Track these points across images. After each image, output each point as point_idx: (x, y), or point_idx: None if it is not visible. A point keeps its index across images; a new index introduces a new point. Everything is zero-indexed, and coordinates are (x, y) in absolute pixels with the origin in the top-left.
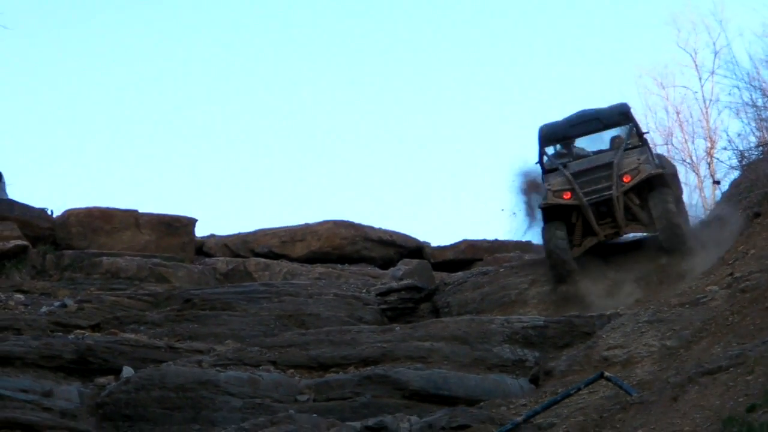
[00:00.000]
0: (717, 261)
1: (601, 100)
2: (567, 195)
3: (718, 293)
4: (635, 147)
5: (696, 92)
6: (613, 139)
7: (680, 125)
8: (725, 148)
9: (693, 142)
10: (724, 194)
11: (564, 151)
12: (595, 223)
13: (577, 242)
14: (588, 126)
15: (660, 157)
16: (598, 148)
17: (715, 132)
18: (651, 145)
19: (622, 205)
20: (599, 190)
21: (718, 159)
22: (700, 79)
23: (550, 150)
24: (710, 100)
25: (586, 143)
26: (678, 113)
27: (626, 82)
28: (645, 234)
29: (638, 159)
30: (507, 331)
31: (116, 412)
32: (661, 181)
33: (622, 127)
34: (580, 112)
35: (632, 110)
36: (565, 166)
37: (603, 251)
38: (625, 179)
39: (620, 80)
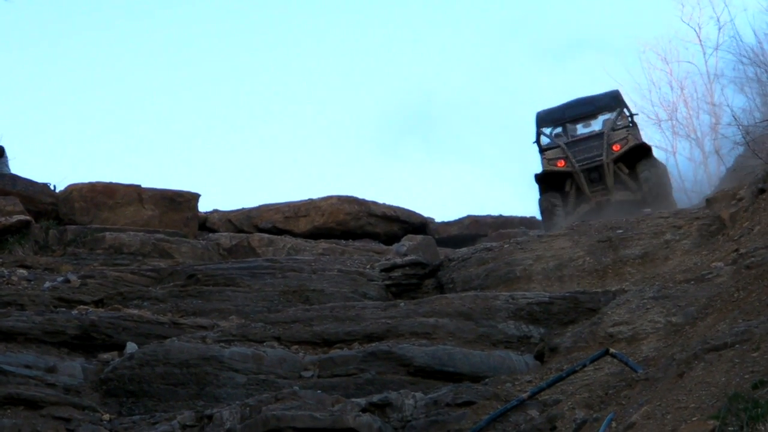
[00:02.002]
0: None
1: (604, 76)
2: (561, 163)
3: (723, 270)
4: (625, 127)
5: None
6: (605, 122)
7: (684, 101)
8: (729, 124)
9: (698, 118)
10: (728, 169)
11: (561, 133)
12: (586, 188)
13: (571, 208)
14: (582, 109)
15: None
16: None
17: (720, 107)
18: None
19: (612, 171)
20: (591, 157)
21: (722, 134)
22: (704, 54)
23: (547, 131)
24: (714, 75)
25: (582, 128)
26: (682, 88)
27: (630, 57)
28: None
29: (627, 131)
30: (512, 308)
31: (120, 388)
32: (649, 153)
33: (614, 111)
34: (575, 98)
35: (623, 95)
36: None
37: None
38: (614, 148)
39: (624, 55)
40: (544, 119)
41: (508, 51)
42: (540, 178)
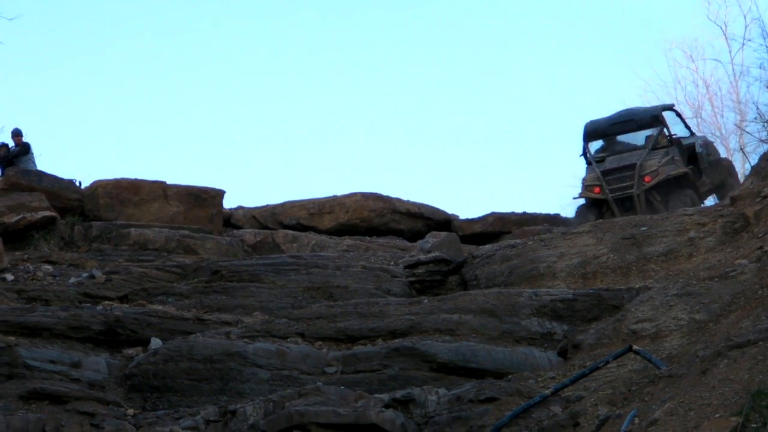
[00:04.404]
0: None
1: (630, 74)
2: (597, 190)
3: (747, 267)
4: (663, 147)
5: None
6: (646, 138)
7: (710, 98)
8: (755, 120)
9: (722, 116)
10: (753, 167)
11: (607, 145)
12: (618, 216)
13: None
14: (624, 126)
15: (707, 145)
16: (638, 144)
17: (745, 104)
18: (699, 134)
19: (643, 201)
20: (623, 188)
21: (747, 132)
22: (730, 51)
23: (595, 144)
24: (740, 73)
25: (630, 138)
26: (708, 86)
27: (656, 55)
28: None
29: (659, 162)
30: (535, 304)
31: (144, 384)
32: (681, 181)
33: (654, 128)
34: (621, 111)
35: (672, 112)
36: (601, 161)
37: None
38: (646, 179)
39: (650, 53)
40: (591, 133)
41: (529, 46)
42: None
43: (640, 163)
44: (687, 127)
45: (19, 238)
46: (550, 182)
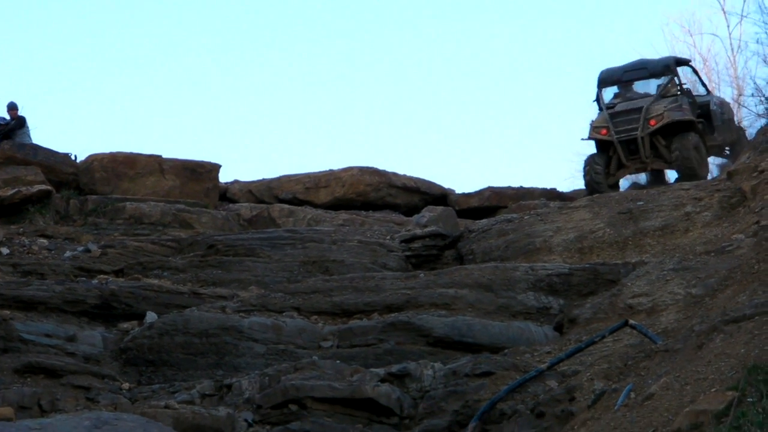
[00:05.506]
0: None
1: (628, 48)
2: (603, 131)
3: (743, 241)
4: (672, 96)
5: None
6: (657, 87)
7: (707, 73)
8: (752, 95)
9: (720, 90)
10: (750, 142)
11: (621, 92)
12: (624, 158)
13: (612, 172)
14: (637, 74)
15: (723, 104)
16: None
17: (743, 79)
18: (714, 93)
19: (648, 144)
20: (629, 130)
21: (745, 106)
22: (728, 26)
23: (608, 91)
24: (738, 48)
25: (644, 87)
26: (705, 61)
27: (654, 29)
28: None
29: (666, 107)
30: (531, 279)
31: (139, 357)
32: (686, 127)
33: (665, 77)
34: (636, 60)
35: (689, 67)
36: (614, 106)
37: None
38: (651, 123)
39: (647, 28)
40: (605, 80)
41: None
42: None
43: (647, 107)
44: (703, 85)
45: (14, 212)
46: (547, 157)
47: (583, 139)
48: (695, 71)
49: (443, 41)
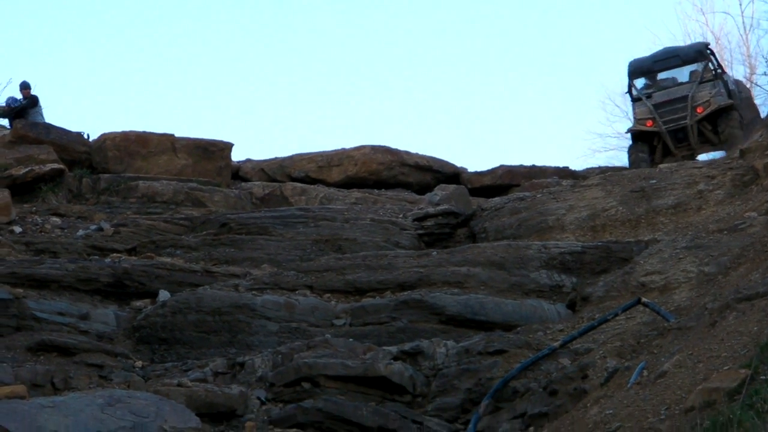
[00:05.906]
0: None
1: (640, 27)
2: (649, 123)
3: (756, 219)
4: (709, 81)
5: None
6: (691, 73)
7: (719, 52)
8: (765, 74)
9: (732, 69)
10: (763, 120)
11: (650, 82)
12: (672, 147)
13: (657, 161)
14: (669, 62)
15: (738, 83)
16: (680, 80)
17: (755, 58)
18: (729, 73)
19: (696, 131)
20: (676, 119)
21: (758, 84)
22: (740, 4)
23: (638, 81)
24: (750, 26)
25: (669, 75)
26: (717, 39)
27: (666, 8)
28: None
29: (710, 92)
30: (544, 257)
31: (152, 336)
32: (729, 109)
33: (699, 63)
34: (663, 48)
35: (711, 47)
36: (649, 96)
37: None
38: (698, 110)
39: (660, 7)
40: (635, 71)
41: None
42: (632, 133)
43: (692, 95)
44: (719, 65)
45: (27, 191)
46: (559, 135)
47: (627, 132)
48: (712, 53)
49: (456, 19)
